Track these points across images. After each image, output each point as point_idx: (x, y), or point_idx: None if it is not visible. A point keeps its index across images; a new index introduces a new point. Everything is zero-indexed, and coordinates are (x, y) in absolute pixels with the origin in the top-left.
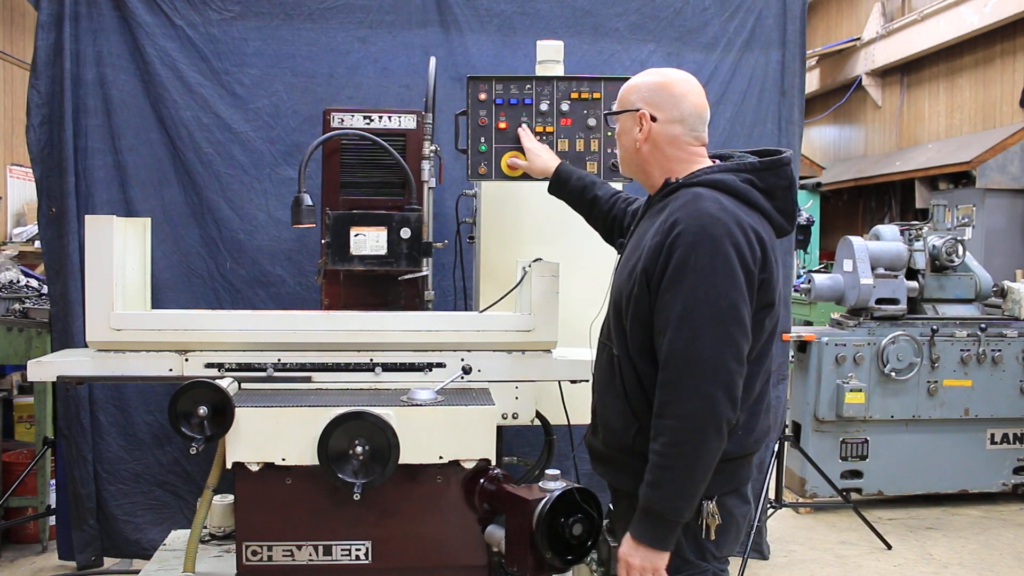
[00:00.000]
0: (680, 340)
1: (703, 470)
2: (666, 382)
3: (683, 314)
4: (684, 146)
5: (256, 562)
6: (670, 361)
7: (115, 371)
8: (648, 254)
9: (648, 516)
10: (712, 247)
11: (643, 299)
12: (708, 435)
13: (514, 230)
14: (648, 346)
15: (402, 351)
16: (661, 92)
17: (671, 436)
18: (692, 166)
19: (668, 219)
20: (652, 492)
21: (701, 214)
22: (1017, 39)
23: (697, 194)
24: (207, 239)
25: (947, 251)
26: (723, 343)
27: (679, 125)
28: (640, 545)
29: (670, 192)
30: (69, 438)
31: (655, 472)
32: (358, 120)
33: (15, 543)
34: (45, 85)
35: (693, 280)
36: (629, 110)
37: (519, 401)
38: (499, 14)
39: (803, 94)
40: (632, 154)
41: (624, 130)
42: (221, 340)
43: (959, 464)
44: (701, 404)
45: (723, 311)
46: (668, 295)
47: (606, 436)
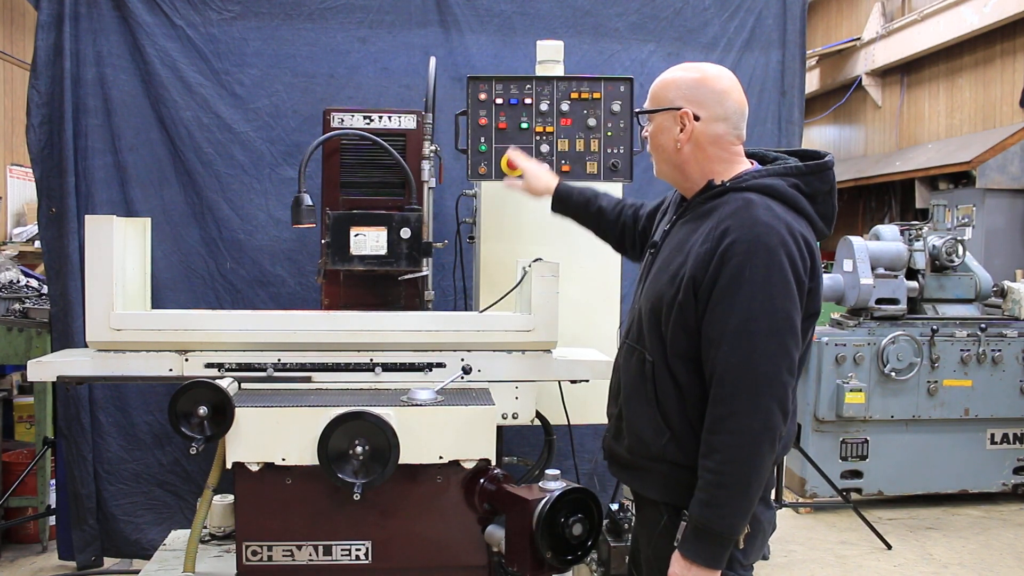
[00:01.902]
0: (737, 354)
1: (758, 485)
2: (721, 397)
3: (740, 328)
4: (727, 146)
5: (256, 562)
6: (727, 376)
7: (115, 371)
8: (697, 262)
9: (703, 535)
10: (767, 258)
11: (689, 307)
12: (764, 450)
13: (514, 230)
14: (690, 353)
15: (402, 351)
16: (703, 88)
17: (727, 453)
18: (733, 166)
19: (718, 226)
20: (708, 511)
21: (755, 223)
22: (1017, 39)
23: (748, 200)
24: (207, 239)
25: (947, 251)
26: (779, 356)
27: (723, 123)
28: (693, 565)
29: (716, 195)
30: (69, 438)
31: (710, 490)
32: (358, 120)
33: (15, 543)
34: (45, 85)
35: (749, 292)
36: (668, 108)
37: (519, 401)
38: (499, 14)
39: (803, 94)
40: (671, 155)
41: (661, 129)
42: (221, 340)
43: (959, 464)
44: (758, 419)
45: (779, 323)
46: (722, 307)
47: (632, 444)
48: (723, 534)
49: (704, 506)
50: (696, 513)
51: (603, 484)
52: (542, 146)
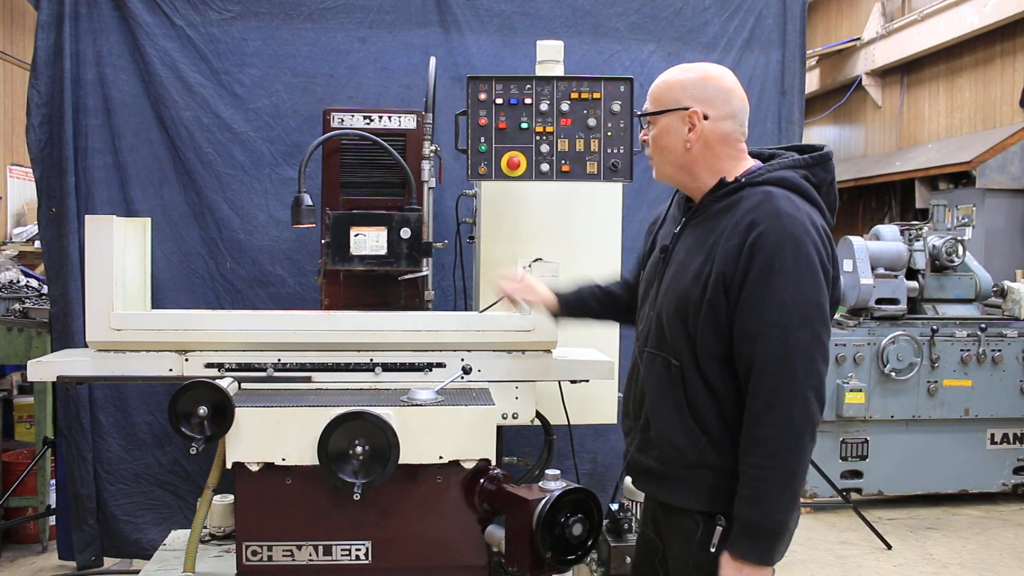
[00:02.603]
0: (774, 347)
1: (801, 477)
2: (760, 391)
3: (774, 319)
4: (735, 143)
5: (256, 562)
6: (765, 369)
7: (115, 371)
8: (724, 258)
9: (753, 533)
10: (795, 248)
11: (720, 304)
12: (806, 441)
13: (514, 230)
14: (721, 353)
15: (402, 351)
16: (709, 87)
17: (770, 446)
18: (741, 163)
19: (742, 220)
20: (755, 507)
21: (779, 214)
22: (1017, 39)
23: (769, 193)
24: (207, 239)
25: (947, 251)
26: (814, 346)
27: (731, 121)
28: (745, 564)
29: (730, 192)
30: (69, 438)
31: (756, 486)
32: (358, 120)
33: (15, 543)
34: (45, 85)
35: (780, 283)
36: (676, 109)
37: (519, 401)
38: (499, 14)
39: (803, 94)
40: (679, 156)
41: (668, 130)
42: (221, 340)
43: (959, 464)
44: (799, 411)
45: (811, 312)
46: (754, 300)
47: (664, 453)
48: (772, 529)
49: (751, 503)
50: (743, 511)
51: (603, 484)
52: (542, 146)
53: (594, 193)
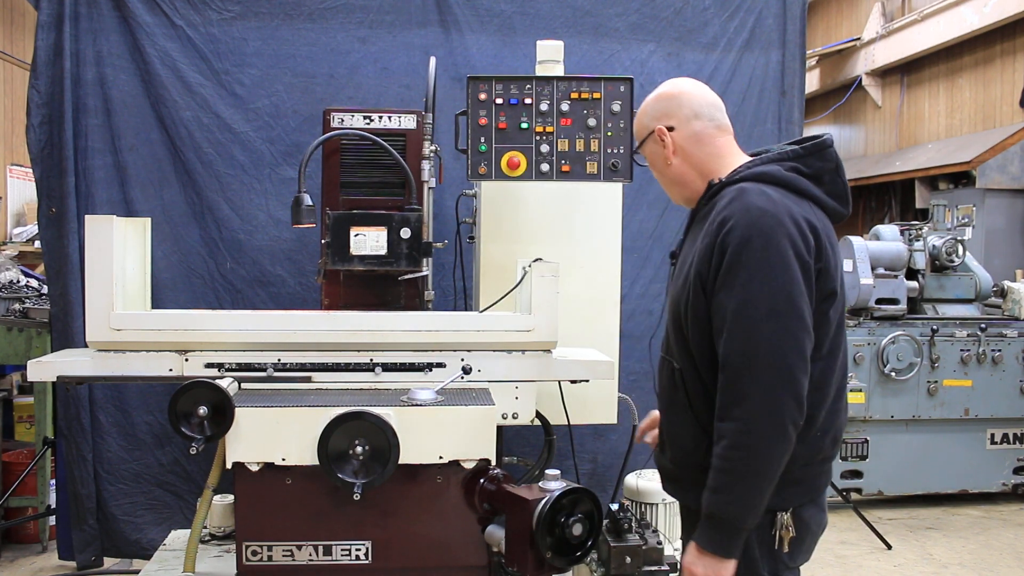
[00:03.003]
0: (737, 339)
1: (768, 475)
2: (725, 384)
3: (738, 311)
4: (710, 140)
5: (256, 562)
6: (728, 361)
7: (115, 371)
8: (700, 257)
9: (711, 523)
10: (763, 241)
11: (700, 303)
12: (771, 438)
13: (514, 230)
14: (712, 355)
15: (402, 351)
16: (660, 103)
17: (732, 439)
18: (728, 159)
19: (716, 218)
20: (714, 497)
21: (749, 208)
22: (1017, 39)
23: (742, 189)
24: (207, 239)
25: (947, 251)
26: (783, 339)
27: (696, 121)
28: (704, 553)
29: (715, 193)
30: (69, 438)
31: (717, 477)
32: (358, 120)
33: (15, 543)
34: (45, 85)
35: (746, 276)
36: (647, 136)
37: (519, 401)
38: (499, 14)
39: (803, 94)
40: (668, 173)
41: (653, 156)
42: (221, 340)
43: (959, 464)
44: (763, 405)
45: (780, 305)
46: (722, 293)
47: (675, 454)
48: (729, 521)
49: (712, 493)
50: (706, 499)
51: (603, 484)
52: (542, 146)
53: (594, 193)
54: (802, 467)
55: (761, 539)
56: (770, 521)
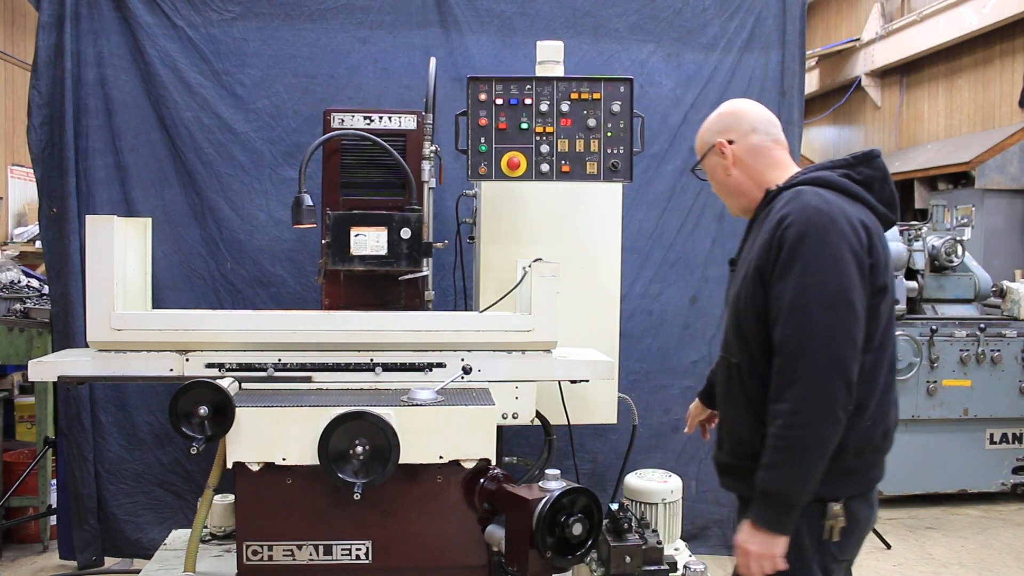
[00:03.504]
0: (791, 326)
1: (818, 455)
2: (780, 367)
3: (794, 300)
4: (767, 152)
5: (256, 562)
6: (784, 346)
7: (116, 371)
8: (759, 253)
9: (765, 499)
10: (818, 235)
11: (758, 297)
12: (822, 418)
13: (514, 230)
14: (770, 346)
15: (402, 351)
16: (722, 119)
17: (786, 419)
18: (784, 169)
19: (774, 218)
20: (768, 474)
21: (805, 207)
22: (1016, 39)
23: (799, 191)
24: (208, 239)
25: (946, 251)
26: (835, 327)
27: (754, 135)
28: (758, 530)
29: (772, 198)
30: (70, 438)
31: (771, 455)
32: (358, 120)
33: (16, 543)
34: (46, 85)
35: (802, 267)
36: (708, 150)
37: (519, 401)
38: (499, 14)
39: (803, 94)
40: (728, 184)
41: (714, 168)
42: (222, 340)
43: (958, 464)
44: (815, 387)
45: (832, 296)
46: (779, 284)
47: (733, 447)
48: (780, 498)
49: (766, 471)
50: (759, 478)
51: (603, 484)
52: (542, 146)
53: (594, 193)
54: (853, 457)
55: (811, 529)
56: (820, 511)
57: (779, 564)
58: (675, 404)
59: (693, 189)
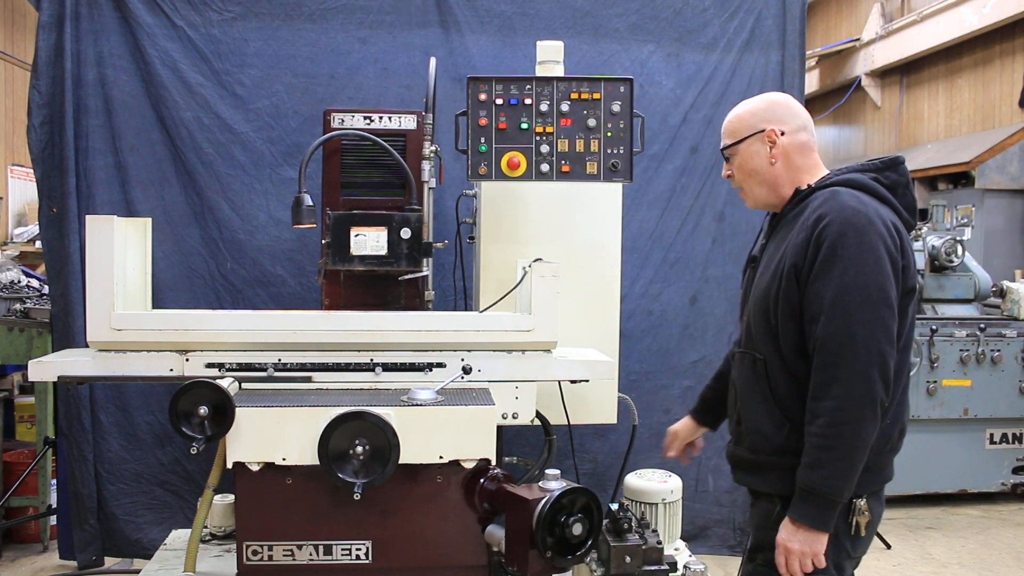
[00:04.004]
0: (834, 323)
1: (861, 450)
2: (822, 365)
3: (835, 299)
4: (810, 152)
5: (256, 562)
6: (826, 344)
7: (116, 371)
8: (795, 251)
9: (809, 497)
10: (858, 236)
11: (793, 294)
12: (866, 415)
13: (514, 230)
14: (800, 342)
15: (402, 351)
16: (775, 108)
17: (831, 416)
18: (819, 172)
19: (811, 216)
20: (813, 473)
21: (844, 207)
22: (1016, 39)
23: (835, 191)
24: (208, 239)
25: (946, 251)
26: (876, 325)
27: (804, 132)
28: (800, 527)
29: (803, 198)
30: (70, 438)
31: (815, 453)
32: (358, 120)
33: (16, 543)
34: (46, 86)
35: (842, 267)
36: (754, 133)
37: (519, 401)
38: (499, 14)
39: (803, 95)
40: (766, 173)
41: (751, 154)
42: (222, 340)
43: (958, 464)
44: (858, 384)
45: (873, 294)
46: (819, 283)
47: (754, 442)
48: (828, 495)
49: (809, 469)
50: (802, 477)
51: (603, 484)
52: (542, 146)
53: (594, 193)
54: (874, 455)
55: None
56: (847, 507)
57: (821, 562)
58: (675, 404)
59: (693, 189)
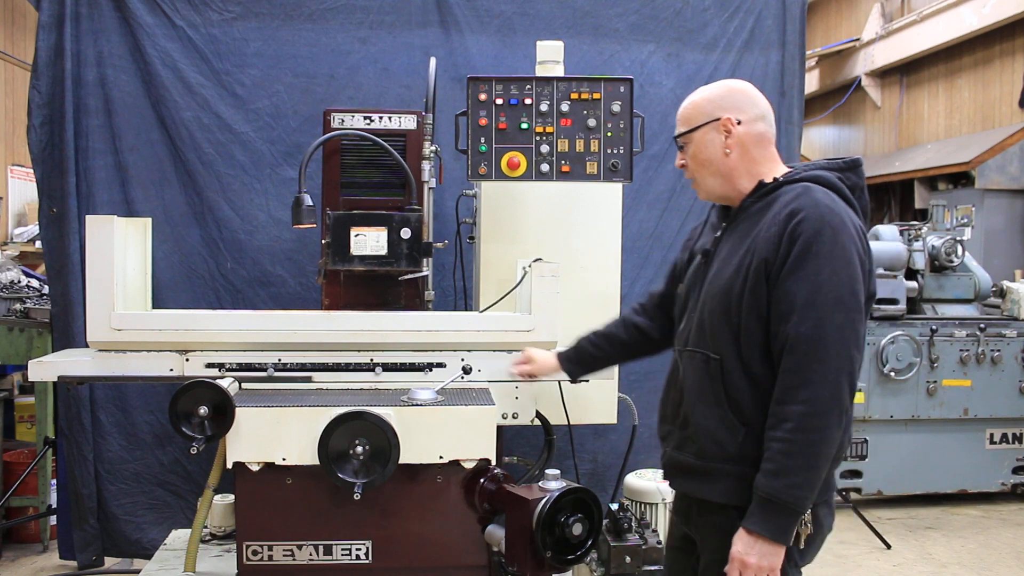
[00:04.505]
0: (806, 325)
1: (826, 459)
2: (792, 367)
3: (808, 299)
4: (768, 144)
5: (256, 562)
6: (797, 346)
7: (116, 371)
8: (766, 245)
9: (770, 507)
10: (832, 235)
11: (761, 290)
12: (832, 422)
13: (514, 230)
14: (763, 342)
15: (402, 351)
16: (735, 96)
17: (799, 422)
18: (777, 165)
19: (783, 211)
20: (776, 480)
21: (819, 204)
22: (1016, 40)
23: (807, 187)
24: (208, 239)
25: (946, 251)
26: (847, 329)
27: (762, 122)
28: (759, 539)
29: (770, 191)
30: (70, 438)
31: (779, 460)
32: (358, 120)
33: (16, 543)
34: (46, 86)
35: (815, 266)
36: (709, 121)
37: (519, 401)
38: (499, 14)
39: (803, 94)
40: (720, 164)
41: (704, 144)
42: (222, 340)
43: (958, 464)
44: (827, 390)
45: (845, 297)
46: (790, 281)
47: (703, 448)
48: (790, 505)
49: (772, 476)
50: (763, 484)
51: (603, 484)
52: (542, 146)
53: (594, 193)
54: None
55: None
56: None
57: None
58: None
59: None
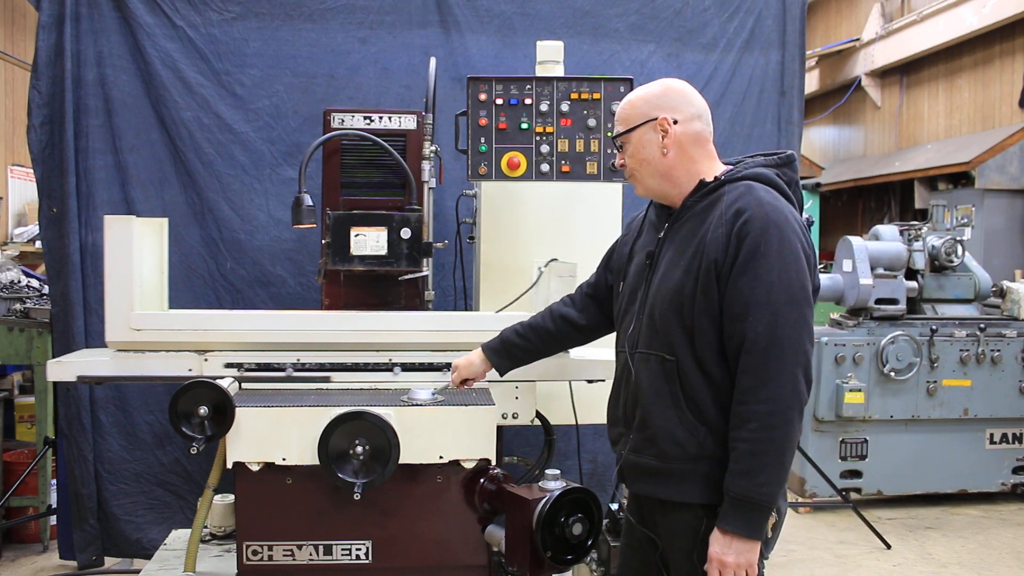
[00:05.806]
0: (761, 324)
1: (791, 453)
2: (750, 368)
3: (762, 299)
4: (705, 143)
5: (256, 562)
6: (754, 346)
7: (135, 371)
8: (714, 246)
9: (742, 506)
10: (779, 234)
11: (712, 291)
12: (794, 416)
13: (514, 230)
14: (717, 341)
15: (419, 351)
16: (671, 95)
17: (762, 420)
18: (715, 163)
19: (728, 210)
20: (746, 480)
21: (763, 203)
22: (1016, 40)
23: (749, 186)
24: (208, 239)
25: (946, 251)
26: (800, 324)
27: (698, 121)
28: (735, 538)
29: (712, 190)
30: (70, 438)
31: (747, 460)
32: (358, 120)
33: (16, 543)
34: (46, 86)
35: (766, 265)
36: (646, 121)
37: (519, 401)
38: (499, 14)
39: (803, 94)
40: (658, 163)
41: (642, 144)
42: (241, 340)
43: (958, 464)
44: (787, 387)
45: (796, 293)
46: (742, 280)
47: (663, 450)
48: (762, 503)
49: (742, 476)
50: (734, 485)
51: (603, 484)
52: (542, 146)
53: (594, 193)
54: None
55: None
56: None
57: (755, 572)
58: None
59: None
